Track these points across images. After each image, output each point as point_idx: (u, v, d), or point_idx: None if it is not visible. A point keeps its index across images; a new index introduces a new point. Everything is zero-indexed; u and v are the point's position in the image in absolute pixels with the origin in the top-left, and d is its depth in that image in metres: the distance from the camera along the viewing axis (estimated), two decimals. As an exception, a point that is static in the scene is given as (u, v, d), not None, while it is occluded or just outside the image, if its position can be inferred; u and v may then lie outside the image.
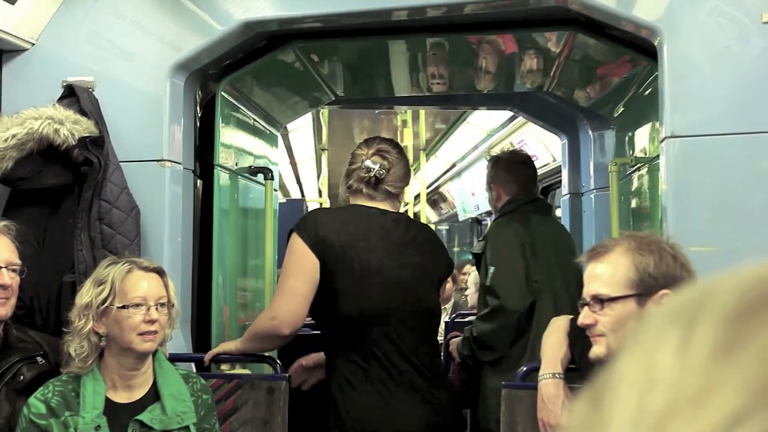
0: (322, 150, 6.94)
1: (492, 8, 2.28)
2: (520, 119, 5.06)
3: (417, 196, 9.07)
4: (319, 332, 3.09)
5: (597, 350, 1.51)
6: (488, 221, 8.18)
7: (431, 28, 2.54)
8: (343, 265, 1.95)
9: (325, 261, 1.94)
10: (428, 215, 9.54)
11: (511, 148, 3.04)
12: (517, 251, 2.48)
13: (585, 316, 1.52)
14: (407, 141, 7.05)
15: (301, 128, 6.23)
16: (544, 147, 4.98)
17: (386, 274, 1.97)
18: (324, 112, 6.00)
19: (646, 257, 1.44)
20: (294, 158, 7.50)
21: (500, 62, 2.89)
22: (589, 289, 1.51)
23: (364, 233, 1.98)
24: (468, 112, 5.60)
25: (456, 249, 10.91)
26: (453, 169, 8.58)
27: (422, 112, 6.40)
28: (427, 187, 8.50)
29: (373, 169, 2.06)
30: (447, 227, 11.84)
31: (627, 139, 2.86)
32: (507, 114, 5.11)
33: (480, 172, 7.36)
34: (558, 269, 2.53)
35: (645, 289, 1.43)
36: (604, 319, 1.49)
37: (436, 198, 10.28)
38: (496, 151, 6.49)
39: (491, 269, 2.47)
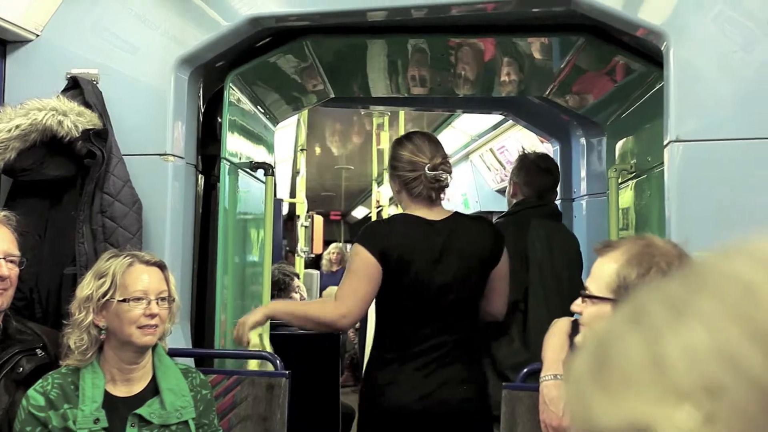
0: (301, 150, 6.96)
1: (498, 11, 2.29)
2: (505, 125, 5.07)
3: (393, 198, 9.06)
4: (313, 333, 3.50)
5: (577, 338, 1.60)
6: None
7: (435, 29, 2.55)
8: (398, 274, 2.15)
9: (385, 269, 2.15)
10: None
11: (542, 152, 3.09)
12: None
13: (575, 304, 1.57)
14: (384, 144, 7.07)
15: (283, 128, 6.22)
16: (525, 154, 5.00)
17: (429, 281, 2.15)
18: (303, 113, 6.01)
19: (631, 269, 1.43)
20: (274, 158, 7.51)
21: (505, 68, 2.89)
22: (587, 280, 1.56)
23: (413, 245, 2.16)
24: (454, 115, 5.58)
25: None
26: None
27: (401, 116, 6.39)
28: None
29: (444, 179, 2.23)
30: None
31: (621, 146, 2.87)
32: (494, 119, 5.10)
33: (455, 177, 7.34)
34: (551, 270, 2.63)
35: (621, 297, 1.44)
36: (585, 312, 1.54)
37: (406, 202, 10.23)
38: (475, 156, 6.48)
39: None
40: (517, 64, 2.85)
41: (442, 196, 2.28)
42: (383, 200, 9.10)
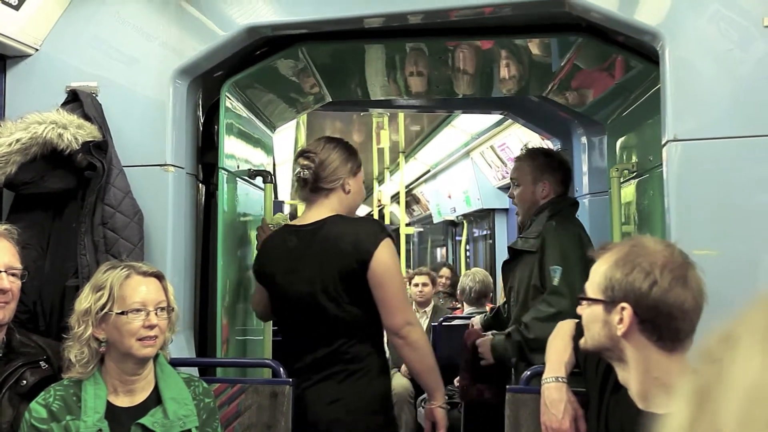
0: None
1: (495, 15, 2.29)
2: (506, 122, 5.07)
3: (394, 197, 9.16)
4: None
5: (581, 341, 1.60)
6: (464, 223, 8.17)
7: (432, 32, 2.55)
8: (268, 288, 2.22)
9: (263, 285, 2.25)
10: (399, 216, 9.65)
11: (556, 148, 3.07)
12: (580, 255, 2.48)
13: (578, 308, 1.60)
14: (383, 143, 7.10)
15: (283, 130, 6.23)
16: (526, 151, 5.00)
17: (284, 290, 2.14)
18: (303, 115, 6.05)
19: (617, 269, 1.46)
20: (274, 160, 7.54)
21: (503, 67, 2.90)
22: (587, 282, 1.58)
23: (274, 257, 2.18)
24: (453, 114, 5.61)
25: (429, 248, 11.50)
26: (429, 171, 8.62)
27: (401, 114, 6.43)
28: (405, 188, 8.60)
29: (298, 171, 2.17)
30: (421, 229, 12.36)
31: (622, 144, 2.86)
32: (494, 117, 5.11)
33: (458, 174, 7.35)
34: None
35: (610, 297, 1.47)
36: (583, 315, 1.57)
37: (408, 200, 10.29)
38: (476, 153, 6.49)
39: (557, 270, 2.48)
40: (515, 64, 2.85)
41: (318, 193, 2.13)
42: (384, 199, 9.13)
